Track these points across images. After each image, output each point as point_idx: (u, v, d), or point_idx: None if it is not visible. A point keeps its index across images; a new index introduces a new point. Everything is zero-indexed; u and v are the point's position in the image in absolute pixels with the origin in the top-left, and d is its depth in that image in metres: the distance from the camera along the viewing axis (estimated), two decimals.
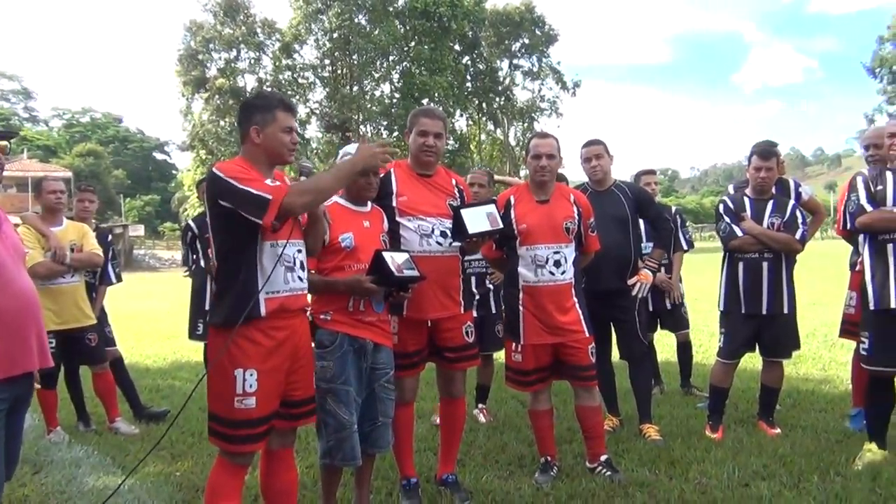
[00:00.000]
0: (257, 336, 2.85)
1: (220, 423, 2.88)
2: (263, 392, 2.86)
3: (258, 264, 2.87)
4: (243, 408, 2.83)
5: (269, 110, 2.95)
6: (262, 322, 2.86)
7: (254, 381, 2.83)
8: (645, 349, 5.07)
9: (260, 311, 2.85)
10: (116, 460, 4.72)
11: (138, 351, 9.73)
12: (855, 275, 4.98)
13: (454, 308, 3.77)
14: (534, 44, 48.60)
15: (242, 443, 2.88)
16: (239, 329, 2.81)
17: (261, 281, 2.85)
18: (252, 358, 2.84)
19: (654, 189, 6.02)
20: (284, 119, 2.97)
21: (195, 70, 42.55)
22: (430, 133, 3.75)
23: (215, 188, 2.84)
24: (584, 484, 3.91)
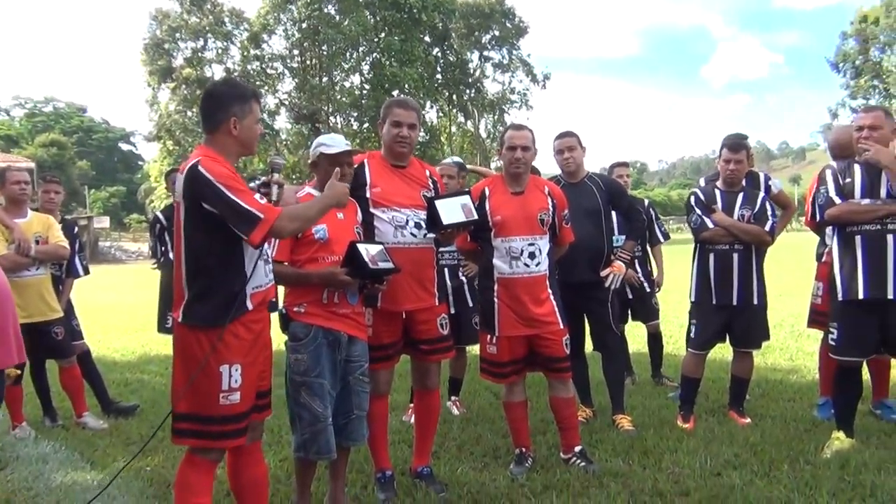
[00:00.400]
0: (240, 330, 2.81)
1: (201, 421, 2.80)
2: (247, 386, 2.83)
3: (243, 262, 2.83)
4: (228, 403, 2.79)
5: (247, 101, 2.88)
6: (244, 316, 2.83)
7: (238, 376, 2.79)
8: (618, 340, 5.11)
9: (247, 306, 2.82)
10: (85, 455, 4.63)
11: (105, 344, 9.58)
12: (822, 266, 5.07)
13: (429, 300, 3.75)
14: (504, 36, 48.61)
15: (225, 438, 2.83)
16: (228, 326, 2.76)
17: (248, 277, 2.82)
18: (236, 352, 2.80)
19: (626, 181, 6.09)
20: (257, 109, 2.93)
21: (161, 59, 41.83)
22: (403, 124, 3.72)
23: (200, 189, 2.71)
24: (559, 475, 3.92)
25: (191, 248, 2.81)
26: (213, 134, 2.88)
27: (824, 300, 4.99)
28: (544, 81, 49.62)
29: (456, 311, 5.03)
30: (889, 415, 4.85)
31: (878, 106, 5.57)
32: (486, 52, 49.38)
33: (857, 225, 4.12)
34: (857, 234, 4.12)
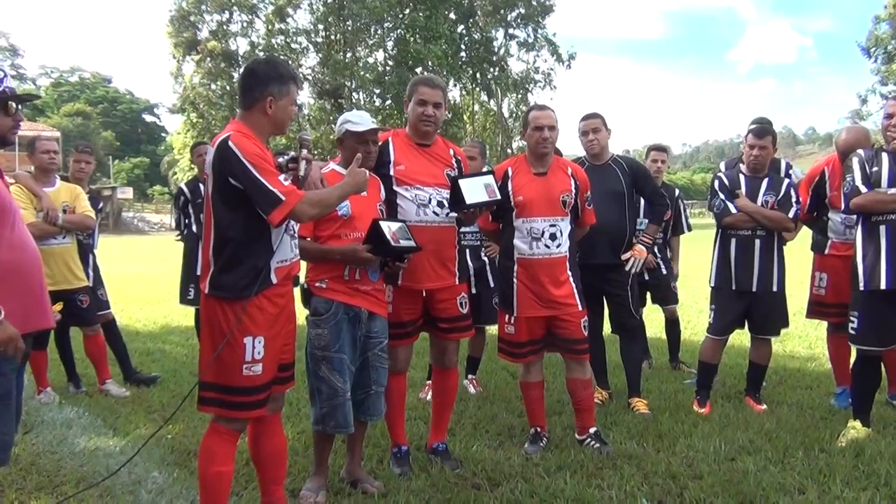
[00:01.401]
0: (265, 304, 2.86)
1: (224, 391, 2.87)
2: (269, 358, 2.89)
3: (270, 236, 2.87)
4: (251, 374, 2.85)
5: (285, 83, 2.92)
6: (269, 289, 2.88)
7: (261, 348, 2.85)
8: (637, 324, 5.11)
9: (272, 280, 2.87)
10: (107, 422, 4.74)
11: (128, 314, 9.72)
12: (822, 257, 5.04)
13: (449, 279, 3.77)
14: (529, 14, 48.02)
15: (247, 409, 2.89)
16: (252, 299, 2.82)
17: (273, 251, 2.87)
18: (260, 325, 2.85)
19: (661, 167, 6.01)
20: (295, 92, 2.97)
21: (186, 32, 41.95)
22: (429, 102, 3.72)
23: (229, 165, 2.75)
24: (573, 455, 3.96)
25: (218, 220, 2.86)
26: (248, 111, 2.92)
27: (827, 291, 4.97)
28: (569, 61, 49.03)
29: (477, 291, 5.06)
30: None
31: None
32: (511, 31, 48.83)
33: (883, 214, 4.08)
34: (881, 223, 4.08)
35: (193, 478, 3.62)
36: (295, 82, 2.97)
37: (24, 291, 2.61)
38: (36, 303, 2.67)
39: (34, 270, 2.68)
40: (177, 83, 43.04)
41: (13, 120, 2.69)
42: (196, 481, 3.07)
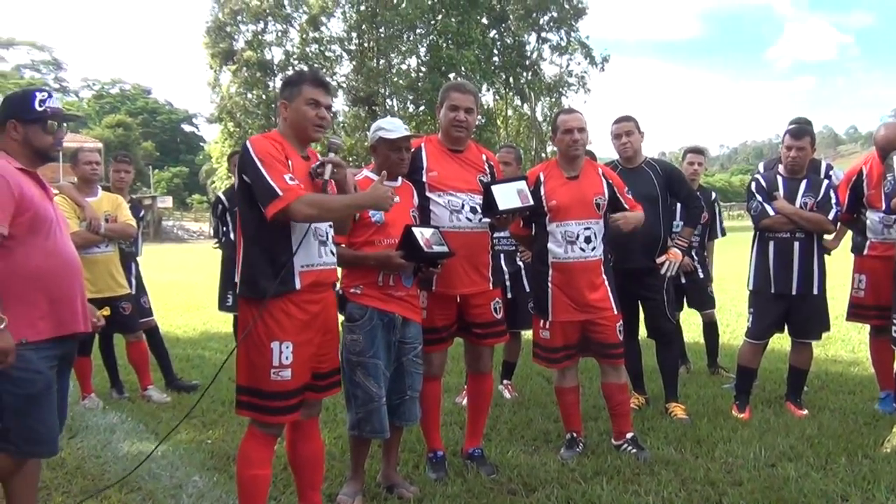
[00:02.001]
0: (293, 309, 2.90)
1: (255, 394, 2.93)
2: (298, 364, 2.92)
3: (289, 236, 2.91)
4: (279, 379, 2.89)
5: (297, 85, 2.99)
6: (297, 295, 2.91)
7: (289, 354, 2.89)
8: (673, 328, 5.06)
9: (295, 284, 2.90)
10: (149, 427, 4.83)
11: (168, 321, 9.88)
12: (860, 258, 4.94)
13: (483, 284, 3.78)
14: (562, 17, 47.80)
15: (277, 414, 2.94)
16: (275, 302, 2.86)
17: (293, 252, 2.90)
18: (288, 331, 2.89)
19: (698, 169, 5.94)
20: (310, 92, 2.97)
21: (223, 42, 42.56)
22: (460, 108, 3.74)
23: (243, 163, 2.89)
24: (610, 461, 3.93)
25: (242, 220, 2.98)
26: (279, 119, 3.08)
27: (866, 293, 4.87)
28: (603, 64, 48.72)
29: (513, 296, 5.06)
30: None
31: None
32: (544, 34, 48.64)
33: None
34: None
35: (233, 482, 3.67)
36: (312, 82, 3.00)
37: (57, 297, 2.78)
38: (69, 308, 2.82)
39: (68, 277, 2.82)
40: (214, 93, 43.67)
41: (54, 138, 2.85)
42: (236, 485, 3.12)
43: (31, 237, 2.71)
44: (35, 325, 2.70)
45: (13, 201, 2.64)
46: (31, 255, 2.71)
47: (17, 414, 2.66)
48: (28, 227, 2.69)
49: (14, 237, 2.66)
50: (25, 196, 2.69)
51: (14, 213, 2.65)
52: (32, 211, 2.71)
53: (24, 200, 2.68)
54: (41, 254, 2.73)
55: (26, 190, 2.71)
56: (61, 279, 2.79)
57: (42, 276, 2.72)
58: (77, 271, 2.87)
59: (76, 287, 2.85)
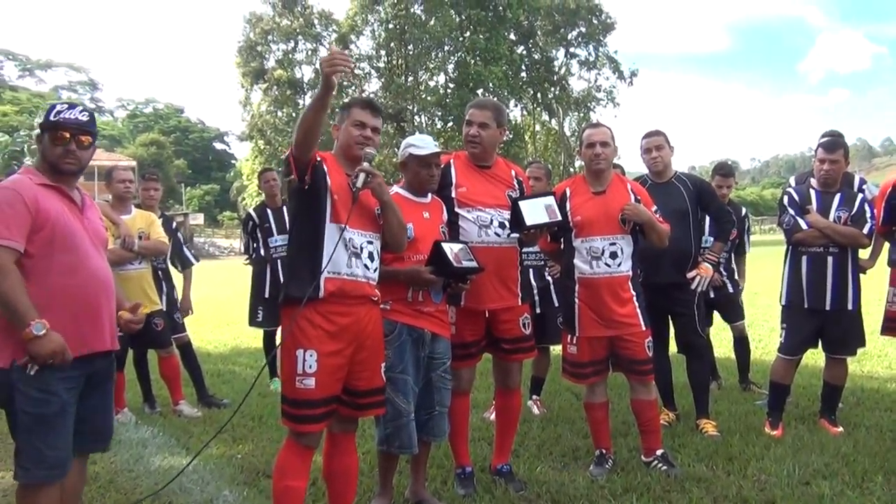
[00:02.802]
0: (317, 319, 2.95)
1: (286, 402, 3.00)
2: (323, 374, 2.94)
3: (321, 243, 2.99)
4: (303, 388, 2.93)
5: (348, 108, 3.16)
6: (322, 305, 2.95)
7: (313, 362, 2.92)
8: (703, 343, 5.01)
9: (319, 291, 2.95)
10: (181, 441, 4.88)
11: (199, 336, 9.97)
12: (894, 272, 4.85)
13: (512, 299, 3.78)
14: (590, 32, 47.87)
15: (303, 422, 2.97)
16: (302, 310, 2.92)
17: (322, 260, 2.96)
18: (312, 339, 2.93)
19: (726, 193, 5.75)
20: (358, 114, 3.12)
21: (254, 61, 43.29)
22: (474, 123, 3.79)
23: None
24: (640, 478, 3.89)
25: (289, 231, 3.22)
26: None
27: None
28: (631, 78, 48.68)
29: (541, 311, 5.05)
30: None
31: None
32: (572, 49, 48.75)
33: None
34: None
35: (262, 496, 3.72)
36: (361, 105, 3.19)
37: (80, 314, 2.74)
38: (93, 326, 2.79)
39: (94, 293, 2.80)
40: (245, 111, 44.38)
41: (64, 150, 2.78)
42: (265, 500, 3.14)
43: (51, 252, 2.68)
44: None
45: (29, 217, 2.62)
46: (51, 271, 2.68)
47: (27, 433, 2.63)
48: (47, 242, 2.67)
49: (32, 253, 2.64)
50: (42, 210, 2.66)
51: (32, 229, 2.63)
52: (51, 225, 2.67)
53: (40, 215, 2.65)
54: (63, 269, 2.70)
55: (44, 204, 2.68)
56: (85, 296, 2.75)
57: (63, 292, 2.69)
58: (105, 288, 2.84)
59: (102, 304, 2.82)
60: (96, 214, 3.01)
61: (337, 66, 2.79)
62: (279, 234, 6.38)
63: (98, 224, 2.97)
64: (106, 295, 2.86)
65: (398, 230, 3.21)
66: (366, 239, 3.10)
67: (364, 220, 3.11)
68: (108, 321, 2.86)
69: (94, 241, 2.86)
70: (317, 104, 2.87)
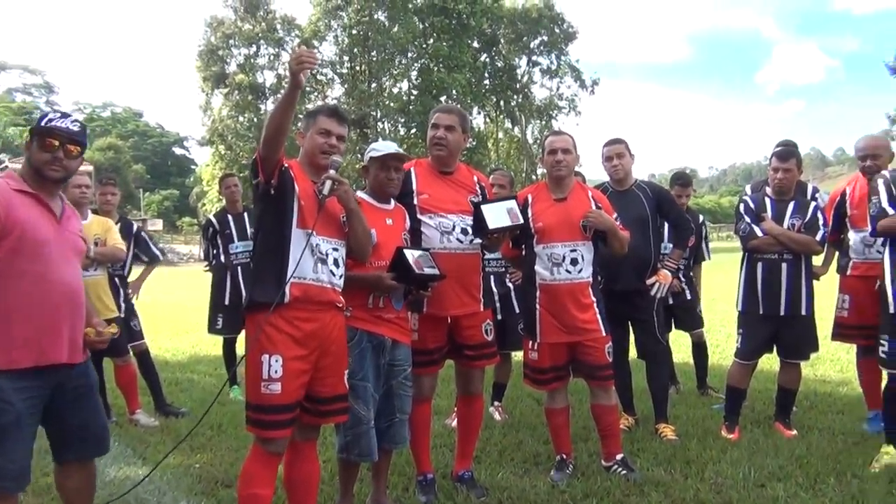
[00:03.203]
0: (282, 324, 2.94)
1: (251, 408, 2.98)
2: (288, 379, 2.93)
3: (287, 250, 2.98)
4: (269, 393, 2.91)
5: (314, 116, 3.17)
6: (287, 310, 2.94)
7: (279, 368, 2.91)
8: (663, 349, 5.08)
9: (285, 296, 2.94)
10: (137, 451, 4.79)
11: (157, 344, 9.79)
12: (844, 278, 4.99)
13: (474, 305, 3.79)
14: (552, 41, 48.39)
15: (269, 428, 2.95)
16: (266, 315, 2.91)
17: (288, 266, 2.96)
18: (277, 344, 2.92)
19: (684, 202, 5.90)
20: (323, 122, 3.13)
21: (215, 66, 42.83)
22: (440, 126, 3.80)
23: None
24: (600, 482, 3.92)
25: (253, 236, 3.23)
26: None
27: (849, 313, 4.91)
28: (593, 87, 49.33)
29: (502, 318, 5.07)
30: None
31: None
32: (535, 58, 49.23)
33: None
34: None
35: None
36: (327, 113, 3.19)
37: (40, 325, 2.71)
38: (52, 337, 2.74)
39: (56, 304, 2.76)
40: (205, 116, 43.87)
41: (51, 156, 2.80)
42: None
43: (15, 260, 2.65)
44: (9, 353, 2.63)
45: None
46: (11, 279, 2.64)
47: None
48: (13, 248, 2.64)
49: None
50: (11, 217, 2.64)
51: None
52: (19, 233, 2.65)
53: (9, 221, 2.64)
54: (26, 277, 2.67)
55: (15, 211, 2.66)
56: (47, 306, 2.71)
57: (25, 300, 2.66)
58: (70, 299, 2.80)
59: (63, 316, 2.77)
60: (75, 225, 2.98)
61: (304, 63, 2.80)
62: (240, 240, 6.32)
63: (75, 235, 2.94)
64: (70, 307, 2.82)
65: (363, 238, 3.21)
66: (332, 245, 3.10)
67: (330, 227, 3.11)
68: (68, 334, 2.80)
69: (68, 251, 2.84)
70: (284, 102, 2.89)
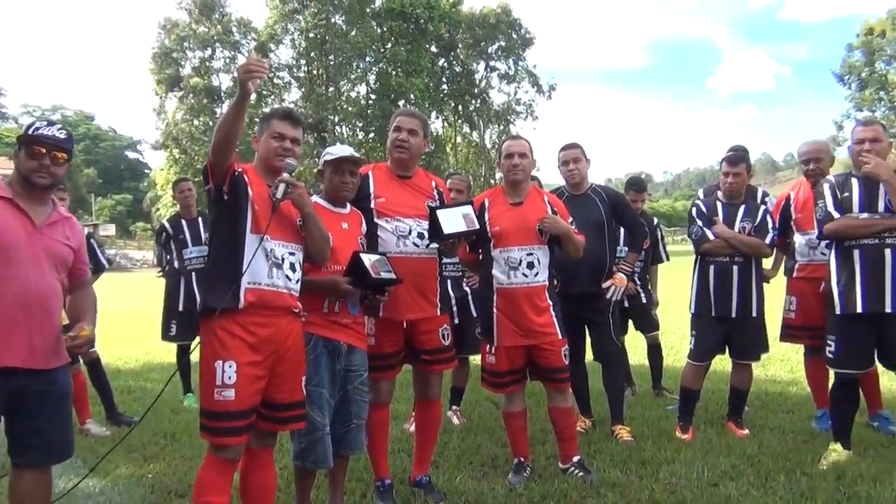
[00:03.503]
0: (236, 329, 2.91)
1: (205, 415, 2.94)
2: (243, 385, 2.89)
3: (241, 254, 2.95)
4: (222, 399, 2.88)
5: (268, 120, 3.15)
6: (241, 315, 2.92)
7: (233, 373, 2.88)
8: (618, 351, 5.14)
9: (238, 301, 2.90)
10: (87, 462, 4.66)
11: (108, 352, 9.59)
12: (791, 281, 5.11)
13: (430, 310, 3.79)
14: (510, 47, 48.70)
15: (223, 435, 2.91)
16: (220, 321, 2.88)
17: (241, 271, 2.92)
18: (231, 350, 2.89)
19: (639, 207, 6.03)
20: (277, 125, 3.11)
21: (169, 68, 42.10)
22: (403, 128, 3.80)
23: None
24: (557, 484, 3.95)
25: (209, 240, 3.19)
26: None
27: (796, 314, 5.03)
28: (550, 92, 49.74)
29: (459, 322, 5.07)
30: (887, 426, 4.88)
31: (875, 119, 5.64)
32: (492, 63, 49.48)
33: (856, 239, 4.13)
34: (855, 248, 4.13)
35: None
36: (280, 117, 3.17)
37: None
38: (6, 340, 2.76)
39: (13, 308, 2.78)
40: (159, 119, 43.04)
41: (38, 164, 2.89)
42: None
43: None
44: None
45: None
46: None
47: None
48: None
49: None
50: None
51: None
52: None
53: None
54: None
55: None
56: (9, 313, 2.76)
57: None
58: (36, 303, 2.83)
59: (19, 319, 2.78)
60: (61, 232, 3.00)
61: (253, 73, 2.78)
62: (194, 245, 6.22)
63: (55, 241, 2.96)
64: (33, 311, 2.83)
65: (320, 242, 3.18)
66: (287, 250, 3.08)
67: (286, 231, 3.08)
68: (26, 337, 2.80)
69: (42, 256, 2.88)
70: (233, 111, 2.86)
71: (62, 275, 3.03)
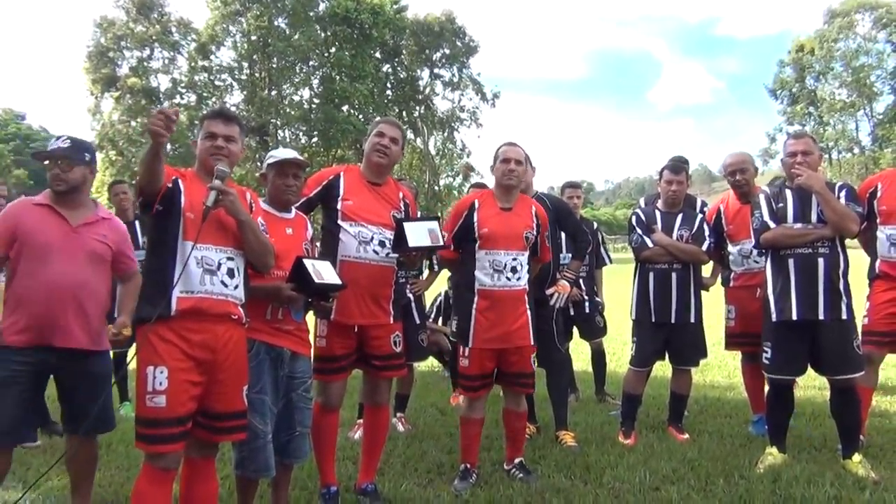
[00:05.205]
0: (169, 335, 2.84)
1: (139, 422, 2.86)
2: (174, 391, 2.82)
3: (172, 262, 2.89)
4: (153, 406, 2.80)
5: (202, 122, 3.13)
6: (175, 322, 2.85)
7: (164, 379, 2.81)
8: (563, 357, 5.19)
9: (170, 309, 2.83)
10: (17, 474, 4.47)
11: None
12: (728, 290, 5.26)
13: (383, 317, 3.77)
14: (454, 54, 48.91)
15: (155, 443, 2.82)
16: (152, 327, 2.82)
17: (173, 279, 2.86)
18: (163, 355, 2.82)
19: (577, 203, 6.16)
20: (208, 125, 3.07)
21: (105, 68, 40.85)
22: (386, 135, 3.83)
23: None
24: (502, 490, 3.96)
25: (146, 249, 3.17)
26: None
27: (736, 322, 5.16)
28: (493, 100, 50.10)
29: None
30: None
31: (806, 132, 5.85)
32: (437, 70, 49.62)
33: (790, 248, 4.25)
34: (789, 256, 4.25)
35: None
36: (211, 116, 3.14)
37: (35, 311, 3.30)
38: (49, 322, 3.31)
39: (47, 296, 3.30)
40: (95, 120, 41.70)
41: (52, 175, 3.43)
42: None
43: (22, 262, 3.33)
44: (15, 333, 3.29)
45: (7, 231, 3.35)
46: (19, 277, 3.34)
47: None
48: (20, 252, 3.33)
49: (11, 258, 3.36)
50: (21, 225, 3.36)
51: (10, 239, 3.34)
52: (22, 237, 3.32)
53: (18, 230, 3.35)
54: (28, 277, 3.32)
55: (23, 219, 3.37)
56: (42, 297, 3.28)
57: (25, 291, 3.31)
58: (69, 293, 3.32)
59: (62, 307, 3.30)
60: (98, 231, 3.49)
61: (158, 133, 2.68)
62: None
63: (92, 240, 3.45)
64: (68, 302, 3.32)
65: (258, 248, 3.07)
66: (224, 255, 2.99)
67: (222, 236, 2.99)
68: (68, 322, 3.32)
69: (79, 253, 3.38)
70: (149, 156, 2.82)
71: (103, 268, 3.52)
